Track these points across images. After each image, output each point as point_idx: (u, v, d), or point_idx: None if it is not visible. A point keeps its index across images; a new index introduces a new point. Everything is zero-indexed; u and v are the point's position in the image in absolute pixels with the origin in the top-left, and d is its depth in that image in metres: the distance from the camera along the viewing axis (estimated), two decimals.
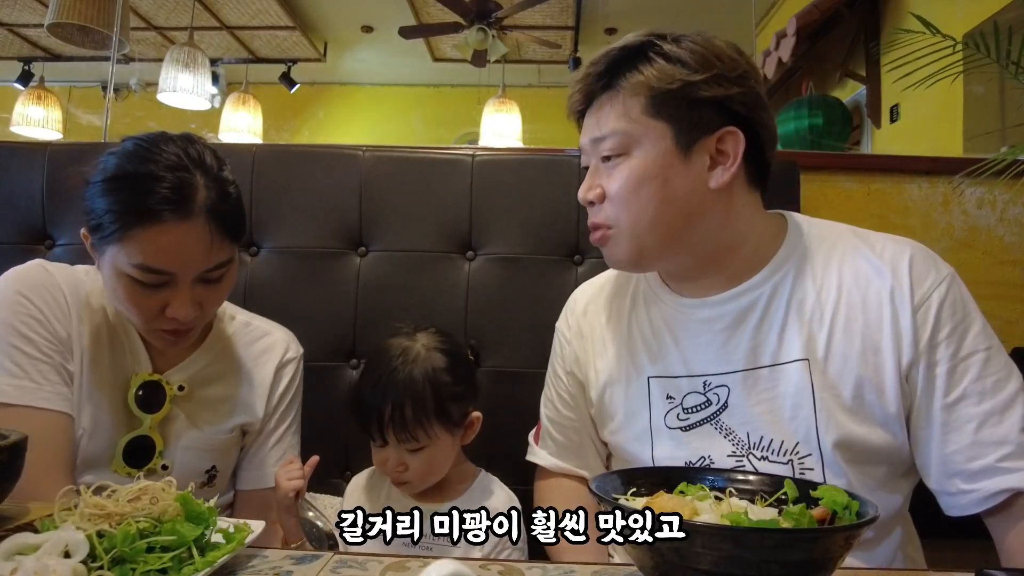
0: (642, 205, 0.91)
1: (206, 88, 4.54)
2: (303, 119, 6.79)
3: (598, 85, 0.95)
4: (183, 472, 1.03)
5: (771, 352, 0.94)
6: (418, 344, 1.13)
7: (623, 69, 0.93)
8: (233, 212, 0.99)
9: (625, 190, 0.92)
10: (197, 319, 0.98)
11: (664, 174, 0.91)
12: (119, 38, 3.12)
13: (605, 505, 0.63)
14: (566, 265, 1.44)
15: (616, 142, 0.92)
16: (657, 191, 0.91)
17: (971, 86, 2.83)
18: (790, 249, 0.97)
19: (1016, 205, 1.68)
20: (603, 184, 0.94)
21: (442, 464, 1.13)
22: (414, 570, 0.70)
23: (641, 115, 0.91)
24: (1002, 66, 1.65)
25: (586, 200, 0.96)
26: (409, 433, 1.07)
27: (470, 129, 5.80)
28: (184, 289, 0.94)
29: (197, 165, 0.95)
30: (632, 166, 0.91)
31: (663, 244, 0.94)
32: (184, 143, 0.97)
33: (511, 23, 5.25)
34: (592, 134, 0.95)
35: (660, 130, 0.91)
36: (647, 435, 1.00)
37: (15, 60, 6.08)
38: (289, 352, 1.18)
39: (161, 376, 1.06)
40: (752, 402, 0.94)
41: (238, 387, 1.12)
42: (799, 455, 0.92)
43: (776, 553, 0.57)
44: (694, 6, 4.77)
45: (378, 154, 1.49)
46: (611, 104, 0.93)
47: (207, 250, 0.94)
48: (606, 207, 0.94)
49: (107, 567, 0.61)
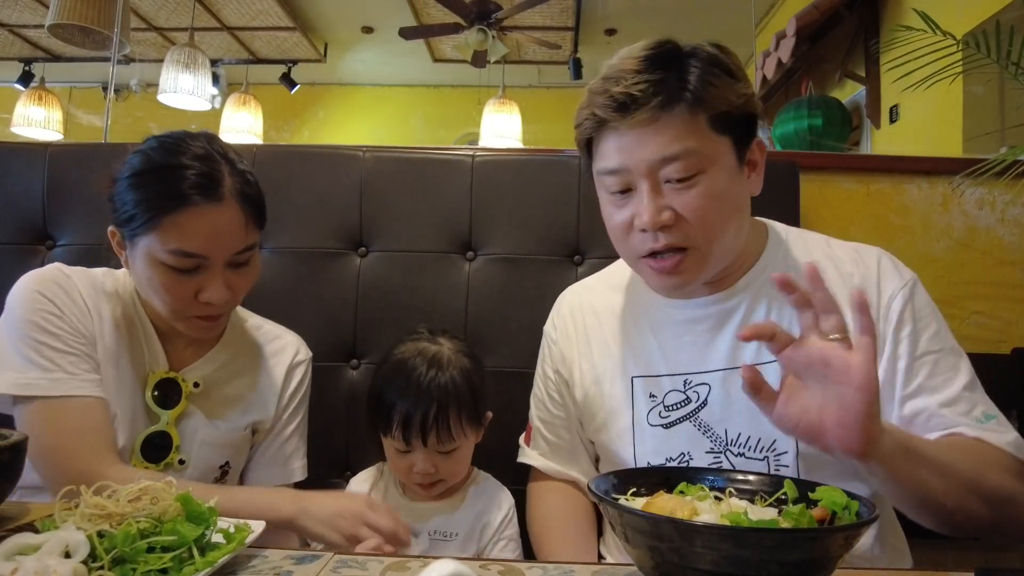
0: (721, 223, 0.92)
1: (206, 89, 4.54)
2: (303, 120, 6.79)
3: (652, 100, 0.87)
4: (199, 467, 1.07)
5: (751, 353, 0.96)
6: (445, 348, 1.15)
7: (675, 82, 0.88)
8: (257, 197, 1.03)
9: (707, 211, 0.90)
10: (228, 303, 1.02)
11: (734, 190, 0.93)
12: (120, 39, 3.12)
13: (605, 505, 0.63)
14: (566, 265, 1.44)
15: (692, 162, 0.89)
16: (730, 207, 0.92)
17: (971, 86, 2.83)
18: (771, 256, 1.01)
19: (1016, 206, 1.68)
20: (673, 206, 0.90)
21: (467, 462, 1.17)
22: (414, 570, 0.70)
23: (709, 130, 0.89)
24: (1002, 66, 1.65)
25: (658, 225, 0.90)
26: (451, 435, 1.09)
27: (470, 130, 5.80)
28: (217, 272, 0.98)
29: (221, 156, 1.00)
30: (710, 185, 0.90)
31: (731, 254, 0.96)
32: (207, 139, 1.02)
33: (511, 24, 5.24)
34: (661, 153, 0.88)
35: (725, 146, 0.91)
36: (629, 433, 1.02)
37: (16, 61, 6.07)
38: (299, 355, 1.21)
39: (178, 374, 1.08)
40: (731, 400, 0.97)
41: (252, 385, 1.14)
42: (775, 452, 0.95)
43: (776, 553, 0.57)
44: (694, 6, 4.76)
45: (378, 154, 1.50)
46: (676, 120, 0.88)
47: (238, 232, 0.98)
48: (682, 228, 0.90)
49: (108, 567, 0.61)
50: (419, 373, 1.10)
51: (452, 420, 1.08)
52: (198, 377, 1.09)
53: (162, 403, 1.06)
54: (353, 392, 1.41)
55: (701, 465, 0.97)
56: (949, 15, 2.77)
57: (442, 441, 1.08)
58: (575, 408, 1.11)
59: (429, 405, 1.07)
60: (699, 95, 0.88)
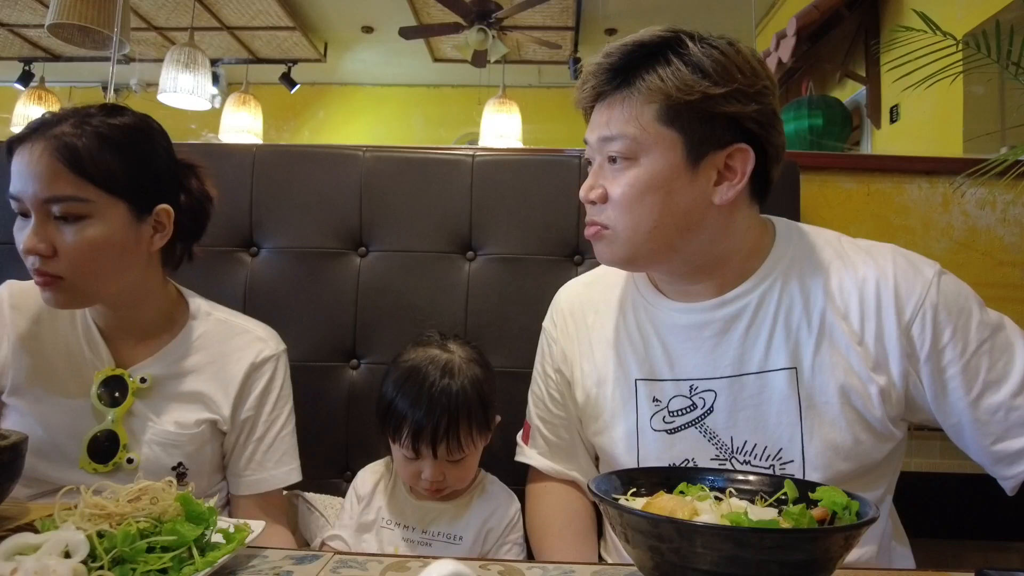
0: (643, 214, 0.90)
1: (206, 88, 4.53)
2: (303, 119, 6.79)
3: (612, 82, 0.91)
4: (149, 467, 1.04)
5: (758, 360, 0.94)
6: (456, 356, 1.13)
7: (640, 68, 0.89)
8: (90, 147, 0.97)
9: (628, 197, 0.90)
10: (52, 263, 0.96)
11: (669, 186, 0.89)
12: (119, 39, 3.12)
13: (605, 505, 0.63)
14: (566, 265, 1.44)
15: (624, 146, 0.89)
16: (660, 202, 0.89)
17: (971, 86, 2.83)
18: (778, 258, 0.97)
19: (1017, 206, 1.68)
20: (606, 185, 0.92)
21: (475, 468, 1.16)
22: (414, 570, 0.70)
23: (653, 121, 0.88)
24: (1002, 66, 1.65)
25: (587, 200, 0.94)
26: (460, 446, 1.07)
27: (470, 129, 5.80)
28: (34, 220, 0.96)
29: (76, 113, 0.99)
30: (638, 174, 0.89)
31: (656, 252, 0.93)
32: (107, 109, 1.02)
33: (511, 23, 5.24)
34: (600, 132, 0.92)
35: (671, 140, 0.88)
36: (633, 437, 1.00)
37: (15, 60, 6.07)
38: (265, 351, 1.14)
39: (124, 371, 1.06)
40: (737, 408, 0.95)
41: (205, 383, 1.10)
42: (781, 460, 0.93)
43: (776, 553, 0.57)
44: (694, 6, 4.76)
45: (378, 154, 1.49)
46: (623, 105, 0.90)
47: (45, 176, 0.95)
48: (607, 209, 0.92)
49: (107, 567, 0.61)
50: (431, 383, 1.08)
51: (463, 431, 1.07)
52: (147, 374, 1.07)
53: (110, 401, 1.04)
54: (353, 392, 1.41)
55: None
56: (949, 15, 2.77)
57: (451, 451, 1.07)
58: (575, 408, 1.10)
59: (440, 418, 1.06)
60: (637, 88, 0.88)
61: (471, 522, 1.14)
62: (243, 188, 1.46)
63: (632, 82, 0.89)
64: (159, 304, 1.11)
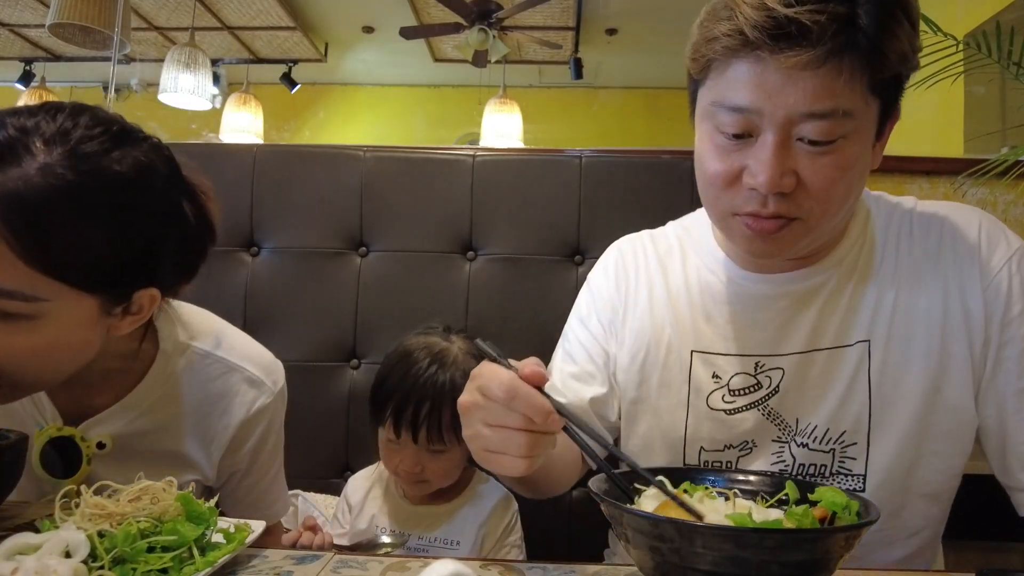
0: (843, 198, 0.78)
1: (207, 88, 4.54)
2: (304, 119, 6.79)
3: (852, 43, 0.70)
4: None
5: (832, 334, 0.87)
6: (454, 347, 1.13)
7: (854, 24, 0.70)
8: (58, 216, 0.67)
9: (834, 182, 0.75)
10: None
11: (863, 161, 0.78)
12: (120, 38, 3.12)
13: (608, 506, 0.63)
14: (566, 265, 1.44)
15: (840, 124, 0.73)
16: (856, 181, 0.78)
17: (972, 87, 2.84)
18: (860, 229, 0.89)
19: (1018, 206, 1.68)
20: (799, 171, 0.75)
21: (459, 466, 1.14)
22: (414, 570, 0.70)
23: (864, 90, 0.73)
24: (1003, 67, 1.65)
25: (777, 189, 0.75)
26: (441, 435, 1.07)
27: (471, 129, 5.80)
28: None
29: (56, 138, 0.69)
30: (847, 156, 0.75)
31: (829, 235, 0.84)
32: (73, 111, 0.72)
33: (512, 23, 5.24)
34: (809, 106, 0.72)
35: (874, 112, 0.76)
36: (683, 410, 0.91)
37: (16, 60, 6.08)
38: (259, 401, 0.94)
39: (76, 430, 0.84)
40: (806, 387, 0.87)
41: (182, 441, 0.90)
42: (843, 444, 0.87)
43: (777, 554, 0.57)
44: (695, 6, 4.74)
45: (379, 154, 1.50)
46: (839, 72, 0.71)
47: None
48: (799, 196, 0.76)
49: (108, 567, 0.61)
50: (419, 367, 1.08)
51: (444, 420, 1.06)
52: (106, 434, 0.85)
53: (62, 469, 0.83)
54: (353, 392, 1.41)
55: (764, 455, 0.89)
56: (949, 15, 2.77)
57: (432, 439, 1.07)
58: (613, 366, 0.97)
59: (423, 400, 1.06)
60: (878, 46, 0.70)
61: (466, 526, 1.13)
62: (244, 188, 1.46)
63: (852, 43, 0.70)
64: (118, 344, 0.84)
